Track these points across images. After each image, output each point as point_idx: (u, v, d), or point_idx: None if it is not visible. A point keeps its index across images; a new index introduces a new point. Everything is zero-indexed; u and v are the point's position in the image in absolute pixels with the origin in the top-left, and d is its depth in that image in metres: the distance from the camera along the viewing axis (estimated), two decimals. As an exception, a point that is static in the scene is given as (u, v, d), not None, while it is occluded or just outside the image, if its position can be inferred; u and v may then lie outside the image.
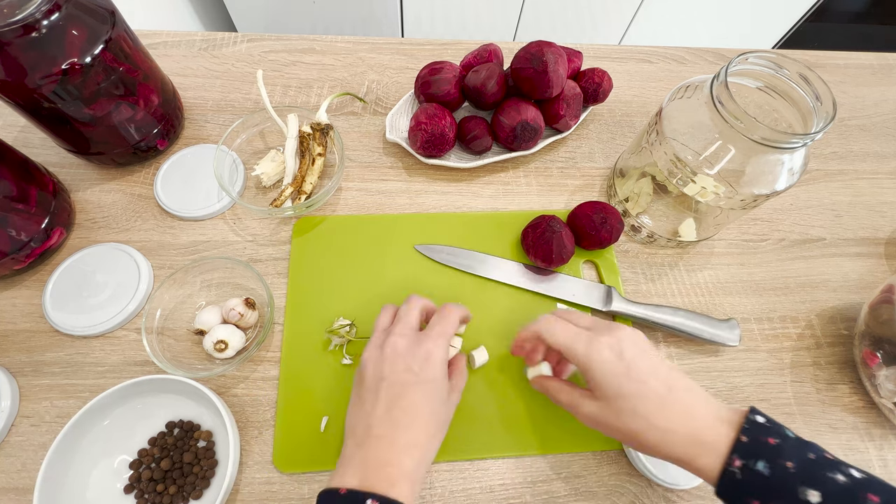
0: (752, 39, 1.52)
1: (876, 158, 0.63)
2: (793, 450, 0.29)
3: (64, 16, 0.40)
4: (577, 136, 0.61)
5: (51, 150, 0.54)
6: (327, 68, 0.63)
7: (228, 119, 0.58)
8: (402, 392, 0.34)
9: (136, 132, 0.50)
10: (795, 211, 0.58)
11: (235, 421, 0.41)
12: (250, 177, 0.54)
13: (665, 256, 0.53)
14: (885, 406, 0.44)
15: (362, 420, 0.34)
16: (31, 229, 0.45)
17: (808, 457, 0.29)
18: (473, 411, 0.43)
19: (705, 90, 0.42)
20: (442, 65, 0.54)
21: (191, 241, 0.50)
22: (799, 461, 0.28)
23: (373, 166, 0.56)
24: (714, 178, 0.42)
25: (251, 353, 0.44)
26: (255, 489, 0.40)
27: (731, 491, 0.29)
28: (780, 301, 0.52)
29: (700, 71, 0.69)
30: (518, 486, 0.41)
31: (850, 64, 0.72)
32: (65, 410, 0.42)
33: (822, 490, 0.27)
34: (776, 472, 0.28)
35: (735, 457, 0.29)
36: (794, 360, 0.49)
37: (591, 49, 0.68)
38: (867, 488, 0.27)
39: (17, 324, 0.45)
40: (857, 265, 0.54)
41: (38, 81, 0.40)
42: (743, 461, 0.29)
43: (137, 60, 0.48)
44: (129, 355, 0.44)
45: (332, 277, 0.48)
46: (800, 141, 0.38)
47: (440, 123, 0.51)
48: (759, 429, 0.30)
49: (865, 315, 0.46)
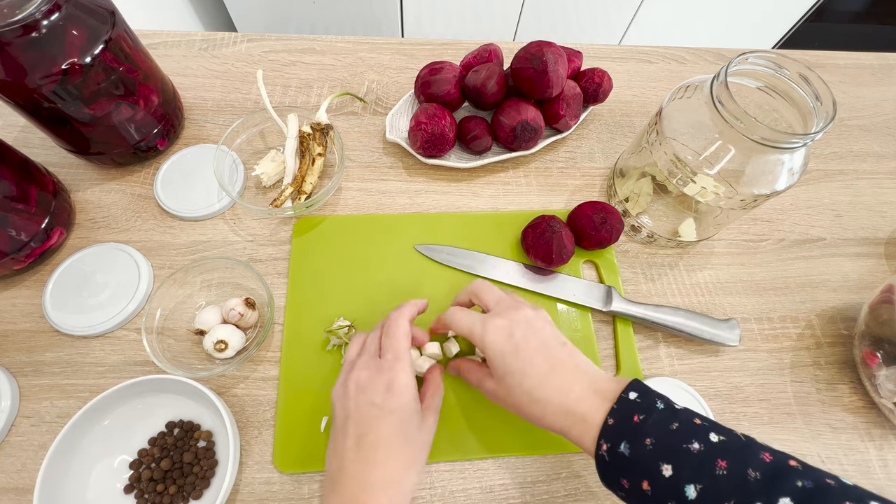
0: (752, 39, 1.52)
1: (876, 158, 0.63)
2: (654, 425, 0.30)
3: (64, 16, 0.40)
4: (577, 136, 0.61)
5: (51, 150, 0.54)
6: (327, 68, 0.63)
7: (228, 119, 0.58)
8: (369, 428, 0.33)
9: (136, 132, 0.50)
10: (795, 211, 0.58)
11: (235, 421, 0.41)
12: (250, 177, 0.54)
13: (665, 256, 0.53)
14: (885, 406, 0.44)
15: (335, 461, 0.33)
16: (31, 229, 0.45)
17: (671, 428, 0.30)
18: (473, 411, 0.43)
19: (705, 90, 0.42)
20: (442, 65, 0.54)
21: (191, 241, 0.50)
22: (658, 436, 0.30)
23: (373, 166, 0.56)
24: (714, 178, 0.42)
25: (251, 353, 0.44)
26: (255, 489, 0.40)
27: (606, 473, 0.31)
28: (780, 301, 0.52)
29: (700, 71, 0.69)
30: (518, 486, 0.41)
31: (850, 64, 0.72)
32: (65, 410, 0.42)
33: (675, 462, 0.28)
34: (636, 450, 0.30)
35: (602, 441, 0.31)
36: (794, 360, 0.49)
37: (591, 49, 0.68)
38: (718, 454, 0.28)
39: (17, 324, 0.45)
40: (857, 265, 0.54)
41: (38, 81, 0.40)
42: (609, 444, 0.30)
43: (137, 60, 0.48)
44: (129, 355, 0.44)
45: (332, 277, 0.48)
46: (800, 141, 0.38)
47: (440, 123, 0.51)
48: (628, 407, 0.31)
49: (865, 315, 0.46)
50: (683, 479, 0.28)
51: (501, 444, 0.43)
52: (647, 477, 0.29)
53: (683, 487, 0.28)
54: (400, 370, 0.35)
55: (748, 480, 0.27)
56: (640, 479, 0.29)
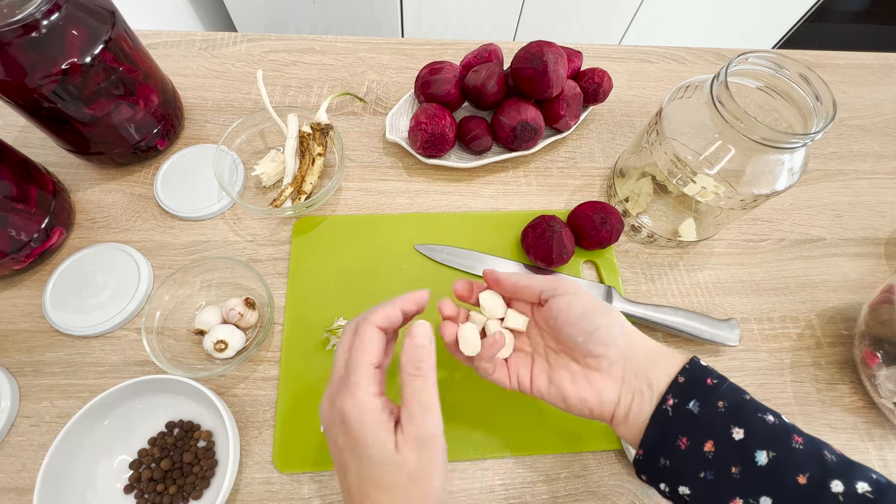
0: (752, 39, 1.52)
1: (876, 158, 0.63)
2: (728, 391, 0.30)
3: (64, 16, 0.40)
4: (577, 136, 0.61)
5: (51, 150, 0.54)
6: (327, 68, 0.63)
7: (228, 119, 0.58)
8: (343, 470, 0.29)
9: (136, 132, 0.50)
10: (795, 211, 0.58)
11: (235, 421, 0.41)
12: (250, 177, 0.54)
13: (665, 256, 0.53)
14: (885, 406, 0.44)
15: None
16: (31, 229, 0.45)
17: (744, 398, 0.30)
18: (474, 411, 0.43)
19: (705, 90, 0.42)
20: (442, 65, 0.54)
21: (191, 241, 0.50)
22: (731, 401, 0.29)
23: (373, 166, 0.56)
24: (714, 178, 0.42)
25: (251, 353, 0.44)
26: (255, 489, 0.40)
27: (661, 429, 0.30)
28: (780, 301, 0.52)
29: (700, 71, 0.69)
30: (518, 486, 0.41)
31: (850, 64, 0.72)
32: (65, 410, 0.42)
33: (748, 427, 0.28)
34: (706, 410, 0.29)
35: (669, 396, 0.30)
36: (794, 360, 0.49)
37: (591, 49, 0.68)
38: (793, 430, 0.28)
39: (17, 324, 0.45)
40: (857, 265, 0.54)
41: (38, 81, 0.40)
42: (676, 399, 0.30)
43: (137, 60, 0.48)
44: (129, 355, 0.44)
45: (332, 277, 0.48)
46: (800, 141, 0.38)
47: (440, 123, 0.51)
48: (700, 370, 0.31)
49: (865, 315, 0.46)
50: (756, 444, 0.28)
51: (502, 443, 0.43)
52: (714, 437, 0.28)
53: (754, 452, 0.27)
54: (347, 397, 0.28)
55: (825, 459, 0.27)
56: (704, 439, 0.29)
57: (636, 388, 0.32)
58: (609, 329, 0.33)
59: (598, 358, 0.32)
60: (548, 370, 0.35)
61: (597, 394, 0.32)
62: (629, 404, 0.32)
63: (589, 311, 0.33)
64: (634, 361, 0.32)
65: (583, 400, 0.32)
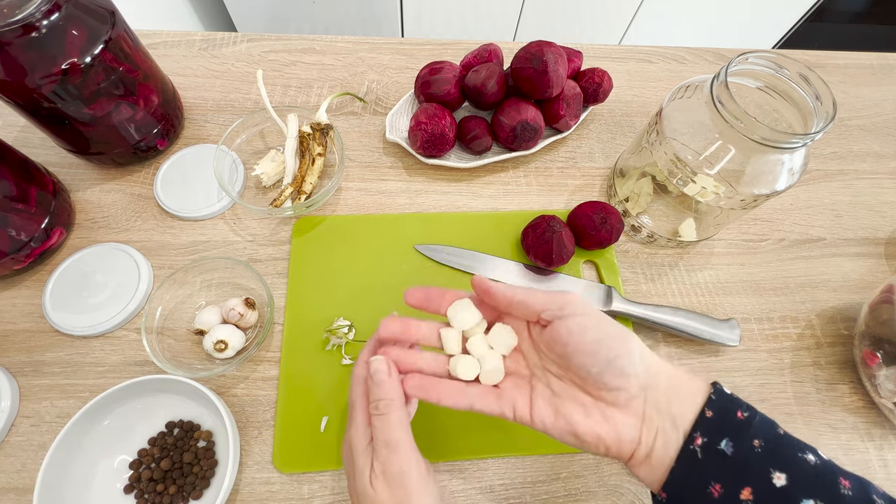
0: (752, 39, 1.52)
1: (876, 158, 0.63)
2: (762, 425, 0.26)
3: (64, 16, 0.40)
4: (577, 136, 0.61)
5: (51, 150, 0.54)
6: (327, 68, 0.63)
7: (228, 119, 0.58)
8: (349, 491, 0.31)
9: (136, 132, 0.50)
10: (795, 211, 0.58)
11: (235, 421, 0.41)
12: (250, 177, 0.54)
13: (665, 256, 0.53)
14: (885, 406, 0.44)
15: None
16: (31, 229, 0.45)
17: (779, 432, 0.26)
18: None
19: (705, 90, 0.42)
20: (442, 65, 0.54)
21: (191, 241, 0.50)
22: (768, 438, 0.26)
23: (373, 166, 0.56)
24: (714, 178, 0.42)
25: (251, 353, 0.44)
26: (255, 489, 0.40)
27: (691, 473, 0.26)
28: (780, 301, 0.52)
29: (700, 71, 0.69)
30: (518, 486, 0.41)
31: (850, 64, 0.72)
32: (65, 410, 0.42)
33: (790, 472, 0.25)
34: (741, 451, 0.25)
35: (697, 434, 0.26)
36: (794, 360, 0.49)
37: (591, 49, 0.68)
38: (838, 471, 0.25)
39: (17, 324, 0.45)
40: (857, 265, 0.54)
41: (38, 81, 0.40)
42: (706, 438, 0.26)
43: (137, 60, 0.48)
44: (129, 355, 0.44)
45: (332, 277, 0.48)
46: (800, 141, 0.38)
47: (440, 123, 0.51)
48: (727, 400, 0.27)
49: (865, 315, 0.46)
50: (801, 491, 0.24)
51: (501, 444, 0.43)
52: (752, 484, 0.25)
53: (801, 502, 0.24)
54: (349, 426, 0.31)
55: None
56: (741, 486, 0.25)
57: (659, 426, 0.27)
58: (629, 357, 0.28)
59: (616, 391, 0.28)
60: (552, 400, 0.30)
61: (614, 431, 0.28)
62: (651, 444, 0.27)
63: (604, 338, 0.28)
64: (655, 393, 0.28)
65: (598, 438, 0.28)
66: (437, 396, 0.30)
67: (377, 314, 0.47)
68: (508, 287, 0.31)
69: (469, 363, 0.30)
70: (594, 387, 0.28)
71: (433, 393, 0.30)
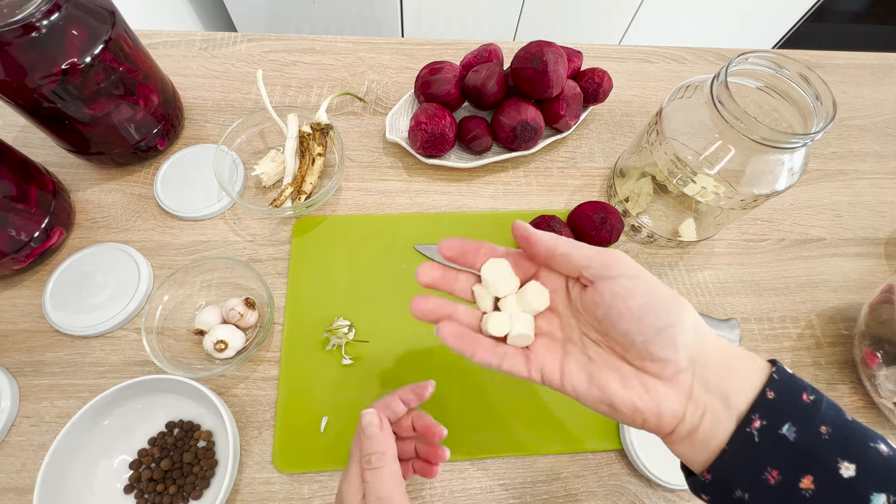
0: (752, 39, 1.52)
1: (876, 158, 0.63)
2: (830, 411, 0.24)
3: (64, 16, 0.40)
4: (577, 136, 0.61)
5: (51, 150, 0.54)
6: (327, 68, 0.63)
7: (228, 119, 0.58)
8: None
9: (136, 132, 0.50)
10: (795, 211, 0.58)
11: (235, 421, 0.41)
12: (250, 177, 0.54)
13: (665, 256, 0.53)
14: (885, 406, 0.44)
15: None
16: (31, 229, 0.45)
17: (847, 419, 0.24)
18: (474, 411, 0.43)
19: (705, 90, 0.42)
20: (442, 65, 0.54)
21: (191, 241, 0.50)
22: (836, 426, 0.23)
23: (373, 166, 0.56)
24: (714, 178, 0.42)
25: (251, 353, 0.44)
26: (255, 489, 0.40)
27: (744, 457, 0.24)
28: (780, 301, 0.52)
29: (700, 71, 0.69)
30: (518, 486, 0.41)
31: (850, 64, 0.72)
32: (65, 410, 0.42)
33: (860, 462, 0.22)
34: (806, 437, 0.23)
35: (755, 416, 0.24)
36: (794, 360, 0.49)
37: (591, 49, 0.68)
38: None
39: (17, 324, 0.45)
40: (857, 265, 0.54)
41: (38, 81, 0.40)
42: (765, 421, 0.24)
43: (137, 60, 0.48)
44: (129, 355, 0.44)
45: (332, 277, 0.48)
46: (800, 141, 0.38)
47: (440, 123, 0.51)
48: (790, 381, 0.25)
49: (865, 315, 0.46)
50: (872, 484, 0.22)
51: (502, 444, 0.43)
52: (816, 473, 0.23)
53: (870, 495, 0.22)
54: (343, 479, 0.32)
55: None
56: (802, 474, 0.23)
57: (707, 404, 0.25)
58: (681, 327, 0.25)
59: (662, 363, 0.25)
60: (587, 366, 0.27)
61: (655, 404, 0.25)
62: (697, 422, 0.25)
63: (655, 303, 0.25)
64: (706, 369, 0.25)
65: (636, 409, 0.26)
66: (472, 350, 0.28)
67: (377, 314, 0.47)
68: (552, 236, 0.28)
69: (501, 320, 0.29)
70: (637, 357, 0.26)
71: (469, 346, 0.28)
